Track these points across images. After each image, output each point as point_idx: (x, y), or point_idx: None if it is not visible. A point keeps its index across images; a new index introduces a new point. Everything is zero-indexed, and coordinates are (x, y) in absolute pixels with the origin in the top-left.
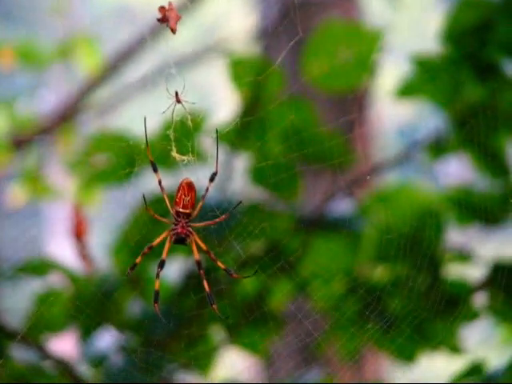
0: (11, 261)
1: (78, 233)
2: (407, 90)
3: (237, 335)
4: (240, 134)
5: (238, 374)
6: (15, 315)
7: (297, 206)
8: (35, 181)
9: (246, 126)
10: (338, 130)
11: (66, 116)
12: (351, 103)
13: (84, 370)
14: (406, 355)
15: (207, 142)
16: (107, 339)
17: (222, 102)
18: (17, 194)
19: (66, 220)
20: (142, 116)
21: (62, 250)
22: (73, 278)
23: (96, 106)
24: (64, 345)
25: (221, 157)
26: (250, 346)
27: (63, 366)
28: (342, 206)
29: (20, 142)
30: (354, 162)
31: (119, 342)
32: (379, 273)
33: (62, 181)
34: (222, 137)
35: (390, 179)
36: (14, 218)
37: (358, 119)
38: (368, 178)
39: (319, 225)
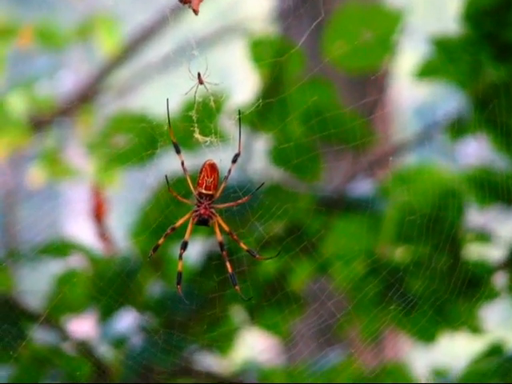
0: (31, 242)
1: (98, 214)
2: (427, 71)
3: (258, 316)
4: (261, 116)
5: (258, 355)
6: (35, 297)
7: (318, 187)
8: (54, 162)
9: (267, 107)
10: (359, 111)
11: (86, 97)
12: (370, 84)
13: (104, 351)
14: (427, 336)
15: (229, 124)
16: (128, 320)
17: (241, 83)
18: (36, 176)
19: (86, 201)
20: (161, 97)
21: (81, 231)
22: (93, 259)
23: (116, 86)
24: (82, 326)
25: (243, 138)
26: (272, 327)
27: (84, 347)
28: (363, 187)
29: (39, 124)
30: (374, 143)
31: (140, 323)
32: (400, 254)
33: (82, 162)
34: (243, 118)
35: (410, 160)
36: (33, 200)
37: (378, 100)
38: (391, 159)
39: (340, 206)
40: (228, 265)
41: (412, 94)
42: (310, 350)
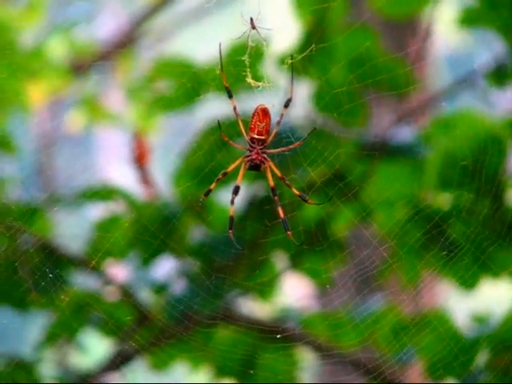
0: (70, 188)
1: (140, 159)
2: (468, 19)
3: (302, 262)
4: (307, 62)
5: (297, 302)
6: (75, 242)
7: (362, 133)
8: (93, 107)
9: (313, 53)
10: (402, 58)
11: (125, 42)
12: (410, 32)
13: (145, 296)
14: (469, 282)
15: (279, 69)
16: (168, 265)
17: (280, 30)
18: (75, 121)
19: (126, 147)
20: (200, 42)
21: (120, 177)
22: (134, 204)
23: (155, 31)
24: (123, 272)
25: (289, 83)
26: (314, 273)
27: (125, 293)
28: (405, 133)
29: (79, 68)
30: (416, 90)
31: (181, 268)
32: (442, 199)
33: (121, 107)
34: (290, 64)
35: (451, 106)
36: (72, 146)
37: (419, 48)
38: (443, 104)
39: (384, 151)
40: (280, 210)
41: (444, 42)
42: (352, 297)
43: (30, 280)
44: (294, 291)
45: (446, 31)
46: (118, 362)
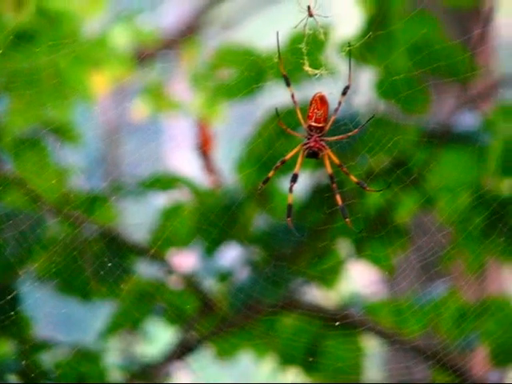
0: (135, 176)
1: (205, 148)
2: None
3: (365, 249)
4: (367, 49)
5: (362, 289)
6: (139, 230)
7: (424, 120)
8: (158, 96)
9: (373, 40)
10: (463, 44)
11: (190, 30)
12: (471, 18)
13: (209, 284)
14: None
15: (338, 56)
16: (232, 254)
17: (342, 17)
18: (139, 110)
19: (190, 135)
20: (265, 31)
21: (184, 165)
22: (198, 192)
23: (219, 20)
24: (186, 261)
25: (347, 71)
26: (376, 260)
27: (189, 281)
28: (468, 120)
29: (143, 57)
30: (478, 77)
31: (246, 256)
32: (504, 186)
33: (186, 96)
34: (351, 51)
35: None
36: (136, 134)
37: (483, 34)
38: (500, 91)
39: (446, 138)
40: (338, 197)
41: (506, 28)
42: (414, 283)
43: (90, 269)
44: (363, 277)
45: (508, 16)
46: (183, 351)
